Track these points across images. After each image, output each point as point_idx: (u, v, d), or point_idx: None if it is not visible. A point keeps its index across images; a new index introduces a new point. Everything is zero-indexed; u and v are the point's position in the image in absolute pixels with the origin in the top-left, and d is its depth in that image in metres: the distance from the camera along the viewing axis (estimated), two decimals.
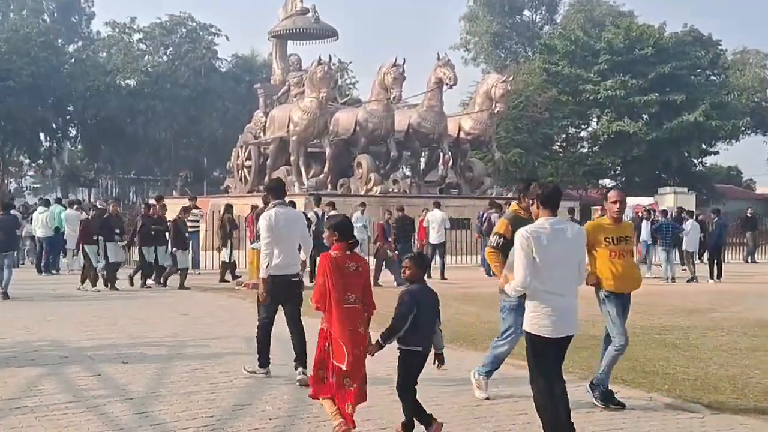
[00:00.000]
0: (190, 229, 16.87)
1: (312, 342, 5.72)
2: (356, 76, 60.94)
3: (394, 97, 26.12)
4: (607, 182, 48.28)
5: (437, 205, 19.47)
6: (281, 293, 7.06)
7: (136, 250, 15.71)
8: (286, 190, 8.39)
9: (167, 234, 15.75)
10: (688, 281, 17.92)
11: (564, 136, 46.63)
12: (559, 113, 42.69)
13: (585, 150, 47.27)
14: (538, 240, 4.87)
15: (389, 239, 16.64)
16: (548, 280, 4.86)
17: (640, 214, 23.42)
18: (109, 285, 14.78)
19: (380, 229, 16.75)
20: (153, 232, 15.46)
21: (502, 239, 6.24)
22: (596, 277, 6.18)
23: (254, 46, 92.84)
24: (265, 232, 7.16)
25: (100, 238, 14.97)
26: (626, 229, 6.34)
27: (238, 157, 31.34)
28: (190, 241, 16.74)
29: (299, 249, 7.42)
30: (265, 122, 29.66)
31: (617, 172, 47.22)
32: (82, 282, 14.95)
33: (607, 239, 6.19)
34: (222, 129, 51.22)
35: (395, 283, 15.54)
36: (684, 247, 19.73)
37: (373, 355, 5.20)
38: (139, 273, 15.49)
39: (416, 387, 5.23)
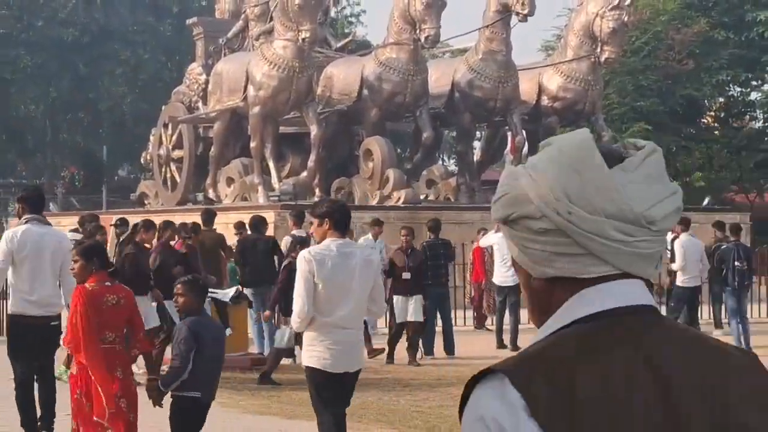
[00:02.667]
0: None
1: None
2: (362, 1, 60.78)
3: (427, 38, 26.16)
4: None
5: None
6: (35, 340, 8.87)
7: None
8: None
9: None
10: None
11: (722, 101, 46.43)
12: (714, 62, 42.52)
13: (759, 125, 46.98)
14: (322, 264, 6.99)
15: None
16: (332, 312, 7.04)
17: None
18: None
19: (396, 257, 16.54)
20: None
21: None
22: None
23: None
24: (0, 254, 9.19)
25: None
26: None
27: (161, 143, 31.55)
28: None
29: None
30: (206, 84, 29.84)
31: None
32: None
33: None
34: (133, 97, 51.43)
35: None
36: None
37: (158, 404, 7.28)
38: None
39: None
